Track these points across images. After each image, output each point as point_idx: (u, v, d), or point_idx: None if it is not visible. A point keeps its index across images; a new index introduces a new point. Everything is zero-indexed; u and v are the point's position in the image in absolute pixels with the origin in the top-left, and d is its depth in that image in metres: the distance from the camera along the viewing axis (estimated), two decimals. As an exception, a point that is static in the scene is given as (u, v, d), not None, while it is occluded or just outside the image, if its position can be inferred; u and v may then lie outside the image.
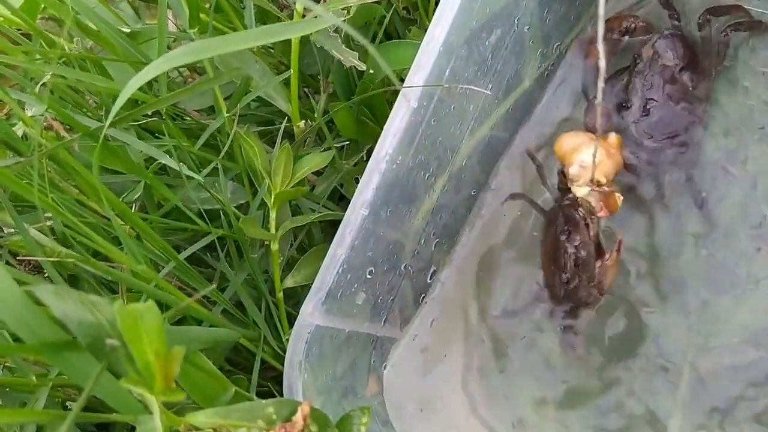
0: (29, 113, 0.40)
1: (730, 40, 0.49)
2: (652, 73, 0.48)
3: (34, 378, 0.32)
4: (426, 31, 0.50)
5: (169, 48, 0.52)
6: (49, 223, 0.45)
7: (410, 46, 0.44)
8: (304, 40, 0.41)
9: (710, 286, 0.47)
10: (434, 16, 0.40)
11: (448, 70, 0.40)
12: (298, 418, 0.29)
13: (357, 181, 0.47)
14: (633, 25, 0.50)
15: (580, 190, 0.44)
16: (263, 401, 0.29)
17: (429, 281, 0.49)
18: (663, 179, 0.49)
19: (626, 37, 0.51)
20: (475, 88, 0.42)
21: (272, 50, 0.45)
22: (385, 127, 0.39)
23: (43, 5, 0.59)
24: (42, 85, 0.40)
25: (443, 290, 0.50)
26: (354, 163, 0.46)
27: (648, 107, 0.47)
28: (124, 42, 0.47)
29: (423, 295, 0.49)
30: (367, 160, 0.47)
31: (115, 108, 0.29)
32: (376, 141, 0.47)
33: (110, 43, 0.46)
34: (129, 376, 0.25)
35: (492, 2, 0.42)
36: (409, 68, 0.40)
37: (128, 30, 0.52)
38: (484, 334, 0.50)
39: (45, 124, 0.37)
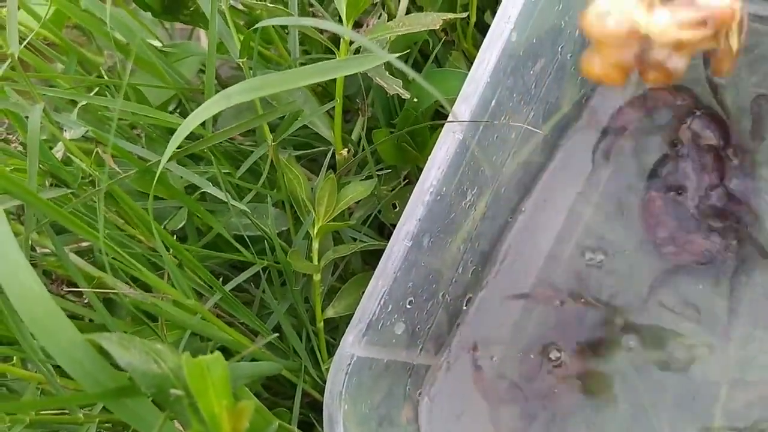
0: (68, 136, 0.39)
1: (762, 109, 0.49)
2: (698, 153, 0.48)
3: (81, 415, 0.31)
4: (465, 54, 0.50)
5: (203, 66, 0.52)
6: (85, 244, 0.45)
7: (455, 74, 0.43)
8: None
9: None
10: (482, 46, 0.39)
11: (493, 101, 0.40)
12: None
13: (394, 206, 0.46)
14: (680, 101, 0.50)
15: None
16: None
17: (464, 308, 0.49)
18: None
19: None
20: (530, 127, 0.42)
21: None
22: (429, 158, 0.39)
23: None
24: (82, 107, 0.39)
25: (477, 315, 0.49)
26: (392, 188, 0.45)
27: (706, 189, 0.47)
28: (160, 60, 0.47)
29: (458, 321, 0.49)
30: (405, 185, 0.47)
31: (172, 145, 0.29)
32: (415, 166, 0.47)
33: (142, 59, 0.46)
34: (194, 428, 0.24)
35: (538, 31, 0.41)
36: (455, 97, 0.39)
37: (160, 45, 0.52)
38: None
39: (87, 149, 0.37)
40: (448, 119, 0.39)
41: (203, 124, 0.32)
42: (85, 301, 0.40)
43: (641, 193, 0.50)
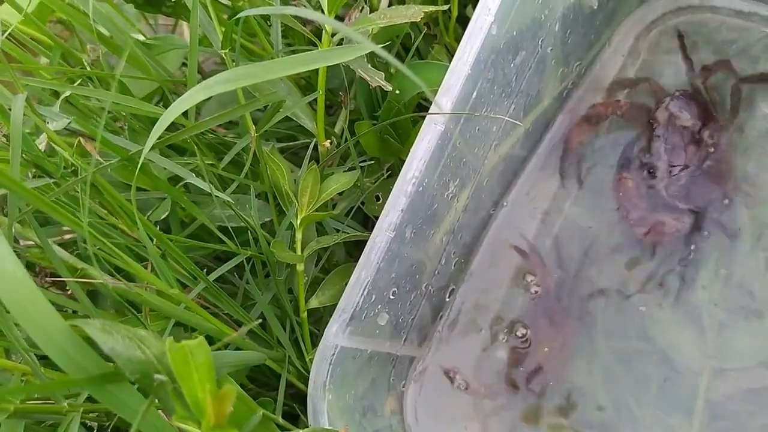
0: (52, 127, 0.39)
1: (742, 92, 0.50)
2: (673, 134, 0.48)
3: (66, 404, 0.31)
4: (447, 47, 0.51)
5: (186, 59, 0.52)
6: (68, 236, 0.45)
7: (437, 67, 0.44)
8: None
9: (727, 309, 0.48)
10: (463, 39, 0.40)
11: (474, 93, 0.40)
12: (337, 448, 0.29)
13: (377, 198, 0.47)
14: (619, 111, 0.51)
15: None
16: (300, 431, 0.29)
17: (447, 299, 0.49)
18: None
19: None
20: (510, 119, 0.42)
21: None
22: (411, 149, 0.39)
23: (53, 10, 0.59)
24: (64, 99, 0.39)
25: (461, 307, 0.50)
26: (375, 180, 0.46)
27: (675, 170, 0.48)
28: (143, 53, 0.47)
29: (441, 313, 0.49)
30: (388, 177, 0.47)
31: (155, 134, 0.29)
32: (398, 159, 0.47)
33: (123, 51, 0.46)
34: (178, 413, 0.24)
35: (518, 25, 0.42)
36: (437, 89, 0.40)
37: (143, 39, 0.52)
38: (498, 353, 0.50)
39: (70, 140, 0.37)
40: (429, 111, 0.39)
41: (186, 114, 0.32)
42: (69, 293, 0.40)
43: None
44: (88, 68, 0.48)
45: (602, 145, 0.52)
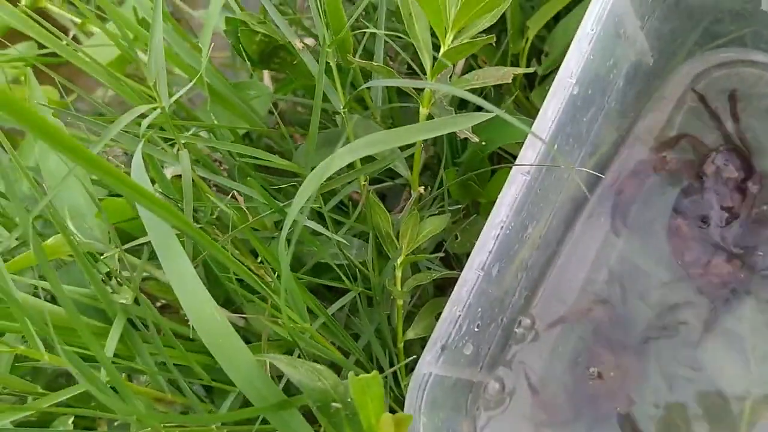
0: (168, 173, 0.44)
1: None
2: (721, 186, 0.53)
3: (214, 427, 0.35)
4: (514, 99, 0.55)
5: (275, 106, 0.56)
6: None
7: (521, 122, 0.48)
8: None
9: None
10: (547, 97, 0.44)
11: (555, 146, 0.45)
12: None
13: (456, 237, 0.51)
14: (666, 167, 0.56)
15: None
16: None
17: (516, 330, 0.53)
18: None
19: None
20: (591, 171, 0.47)
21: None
22: (500, 196, 0.44)
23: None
24: (181, 147, 0.43)
25: (528, 336, 0.54)
26: (453, 221, 0.50)
27: (727, 218, 0.52)
28: (237, 98, 0.51)
29: (510, 342, 0.53)
30: (467, 216, 0.52)
31: (306, 192, 0.33)
32: (476, 200, 0.52)
33: (220, 95, 0.50)
34: (351, 436, 0.28)
35: (592, 84, 0.46)
36: (520, 141, 0.44)
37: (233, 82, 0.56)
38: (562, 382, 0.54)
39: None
40: (516, 162, 0.44)
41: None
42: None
43: (668, 222, 0.56)
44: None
45: (650, 195, 0.57)
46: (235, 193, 0.37)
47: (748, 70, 0.59)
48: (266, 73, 0.61)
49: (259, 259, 0.41)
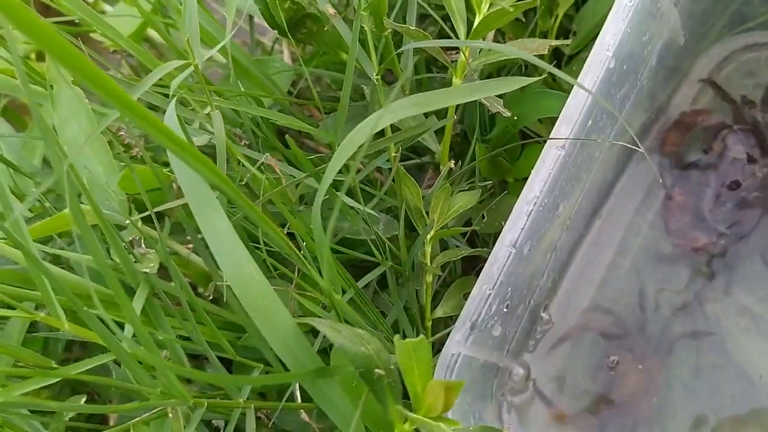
0: (197, 142, 0.42)
1: None
2: (724, 165, 0.52)
3: (241, 401, 0.34)
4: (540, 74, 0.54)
5: (293, 86, 0.55)
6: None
7: (554, 96, 0.47)
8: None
9: None
10: (583, 70, 0.43)
11: (590, 121, 0.44)
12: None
13: (483, 216, 0.49)
14: (705, 121, 0.55)
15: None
16: (470, 428, 0.32)
17: (542, 314, 0.52)
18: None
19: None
20: (628, 144, 0.45)
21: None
22: (533, 171, 0.42)
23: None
24: (209, 114, 0.42)
25: (551, 321, 0.53)
26: (481, 200, 0.49)
27: (721, 198, 0.52)
28: (260, 72, 0.50)
29: (536, 326, 0.52)
30: (492, 195, 0.50)
31: (345, 154, 0.32)
32: (503, 178, 0.50)
33: (244, 68, 0.49)
34: (391, 405, 0.27)
35: (627, 59, 0.45)
36: (555, 116, 0.43)
37: (256, 58, 0.55)
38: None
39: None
40: (551, 136, 0.42)
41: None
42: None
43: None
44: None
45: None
46: (268, 157, 0.36)
47: (778, 52, 0.58)
48: (286, 52, 0.60)
49: (287, 230, 0.39)
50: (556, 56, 0.56)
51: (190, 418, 0.30)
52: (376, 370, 0.27)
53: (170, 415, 0.30)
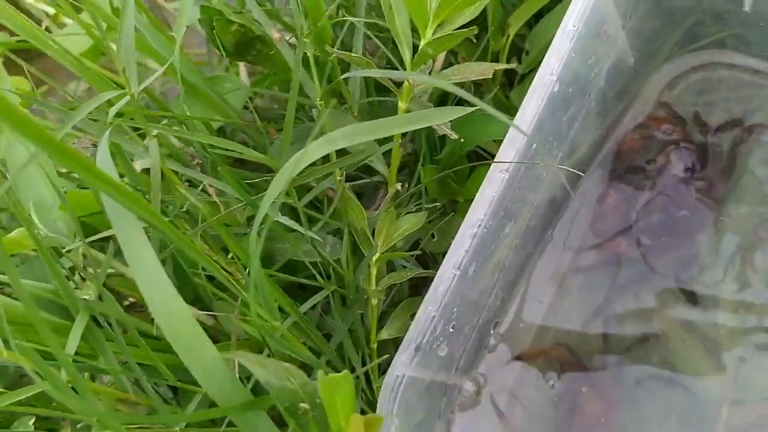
0: (137, 167, 0.42)
1: (739, 151, 0.55)
2: (662, 179, 0.53)
3: (177, 430, 0.34)
4: (494, 97, 0.55)
5: (251, 102, 0.55)
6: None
7: (496, 119, 0.47)
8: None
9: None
10: (527, 94, 0.43)
11: (534, 144, 0.44)
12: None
13: (433, 236, 0.50)
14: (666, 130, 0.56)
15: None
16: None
17: (492, 332, 0.53)
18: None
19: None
20: (568, 168, 0.46)
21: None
22: (478, 194, 0.43)
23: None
24: (151, 136, 0.42)
25: (501, 339, 0.53)
26: (430, 220, 0.49)
27: (651, 210, 0.53)
28: (212, 92, 0.50)
29: (485, 345, 0.52)
30: (441, 216, 0.51)
31: (279, 184, 0.32)
32: (453, 198, 0.51)
33: (194, 88, 0.49)
34: (320, 438, 0.27)
35: (573, 82, 0.46)
36: (500, 139, 0.44)
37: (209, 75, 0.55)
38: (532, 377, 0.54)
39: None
40: (495, 159, 0.43)
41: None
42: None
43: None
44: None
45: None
46: (207, 185, 0.36)
47: (727, 73, 0.59)
48: (243, 70, 0.59)
49: (230, 256, 0.39)
50: (509, 76, 0.57)
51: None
52: (301, 405, 0.27)
53: (101, 445, 0.30)
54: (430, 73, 0.48)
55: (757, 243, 0.53)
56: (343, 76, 0.36)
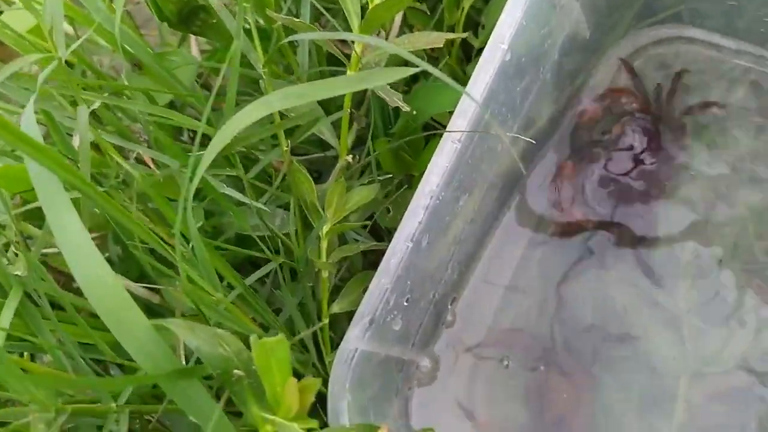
0: (76, 141, 0.41)
1: (687, 125, 0.55)
2: (617, 149, 0.53)
3: (114, 405, 0.33)
4: (451, 68, 0.54)
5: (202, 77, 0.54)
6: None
7: (450, 89, 0.47)
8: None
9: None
10: (478, 64, 0.43)
11: (487, 114, 0.44)
12: (380, 442, 0.31)
13: (388, 210, 0.49)
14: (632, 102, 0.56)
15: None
16: (348, 427, 0.32)
17: (449, 307, 0.52)
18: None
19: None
20: (521, 136, 0.45)
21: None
22: (430, 165, 0.42)
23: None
24: (80, 102, 0.41)
25: (459, 316, 0.53)
26: (385, 194, 0.48)
27: (606, 180, 0.53)
28: (160, 66, 0.48)
29: (443, 321, 0.52)
30: (397, 189, 0.50)
31: (215, 149, 0.31)
32: (408, 172, 0.50)
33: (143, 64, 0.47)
34: (252, 407, 0.26)
35: (526, 53, 0.45)
36: (452, 110, 0.43)
37: (156, 52, 0.53)
38: (492, 357, 0.53)
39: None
40: (447, 129, 0.42)
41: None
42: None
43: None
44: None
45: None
46: (143, 156, 0.35)
47: (685, 47, 0.59)
48: (194, 45, 0.58)
49: (173, 231, 0.38)
50: (466, 50, 0.56)
51: (52, 425, 0.29)
52: (235, 371, 0.26)
53: (31, 421, 0.29)
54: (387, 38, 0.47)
55: (710, 214, 0.53)
56: (286, 39, 0.35)
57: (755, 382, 0.49)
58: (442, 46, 0.43)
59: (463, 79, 0.55)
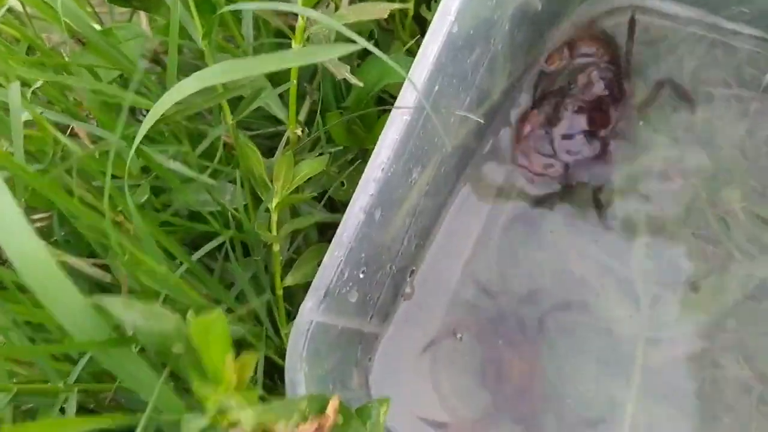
0: (25, 116, 0.40)
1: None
2: (583, 98, 0.53)
3: (61, 384, 0.33)
4: (403, 44, 0.54)
5: (156, 53, 0.53)
6: (39, 224, 0.46)
7: (401, 62, 0.47)
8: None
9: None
10: (426, 36, 0.43)
11: (437, 87, 0.44)
12: (329, 411, 0.31)
13: (342, 183, 0.49)
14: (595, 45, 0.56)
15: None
16: (297, 398, 0.32)
17: (408, 279, 0.52)
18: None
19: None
20: (469, 115, 0.46)
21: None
22: (380, 138, 0.42)
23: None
24: (33, 91, 0.40)
25: (418, 288, 0.53)
26: (339, 168, 0.48)
27: (572, 129, 0.53)
28: (105, 42, 0.47)
29: (402, 293, 0.52)
30: (352, 163, 0.50)
31: (149, 121, 0.31)
32: (362, 146, 0.50)
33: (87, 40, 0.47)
34: (194, 382, 0.26)
35: (475, 24, 0.45)
36: (401, 82, 0.43)
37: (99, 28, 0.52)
38: (454, 329, 0.54)
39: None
40: (396, 103, 0.42)
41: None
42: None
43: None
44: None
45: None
46: (78, 131, 0.35)
47: (641, 17, 0.59)
48: (144, 19, 0.57)
49: (119, 209, 0.38)
50: (421, 25, 0.56)
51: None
52: (175, 348, 0.26)
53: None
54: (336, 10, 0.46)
55: (665, 179, 0.54)
56: (226, 8, 0.34)
57: (709, 347, 0.50)
58: (395, 17, 0.43)
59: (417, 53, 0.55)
